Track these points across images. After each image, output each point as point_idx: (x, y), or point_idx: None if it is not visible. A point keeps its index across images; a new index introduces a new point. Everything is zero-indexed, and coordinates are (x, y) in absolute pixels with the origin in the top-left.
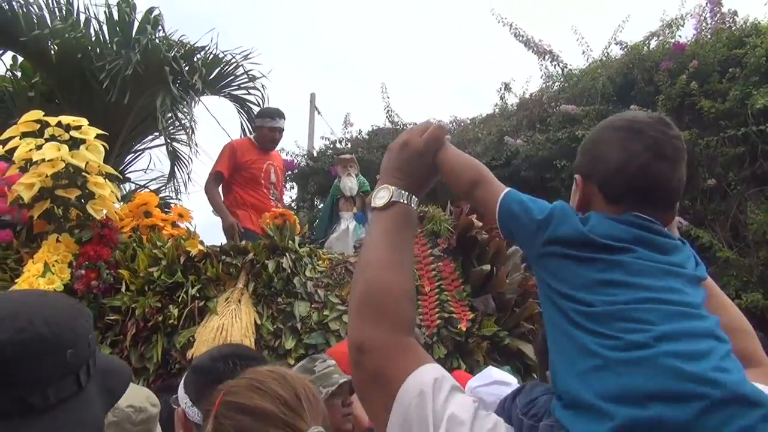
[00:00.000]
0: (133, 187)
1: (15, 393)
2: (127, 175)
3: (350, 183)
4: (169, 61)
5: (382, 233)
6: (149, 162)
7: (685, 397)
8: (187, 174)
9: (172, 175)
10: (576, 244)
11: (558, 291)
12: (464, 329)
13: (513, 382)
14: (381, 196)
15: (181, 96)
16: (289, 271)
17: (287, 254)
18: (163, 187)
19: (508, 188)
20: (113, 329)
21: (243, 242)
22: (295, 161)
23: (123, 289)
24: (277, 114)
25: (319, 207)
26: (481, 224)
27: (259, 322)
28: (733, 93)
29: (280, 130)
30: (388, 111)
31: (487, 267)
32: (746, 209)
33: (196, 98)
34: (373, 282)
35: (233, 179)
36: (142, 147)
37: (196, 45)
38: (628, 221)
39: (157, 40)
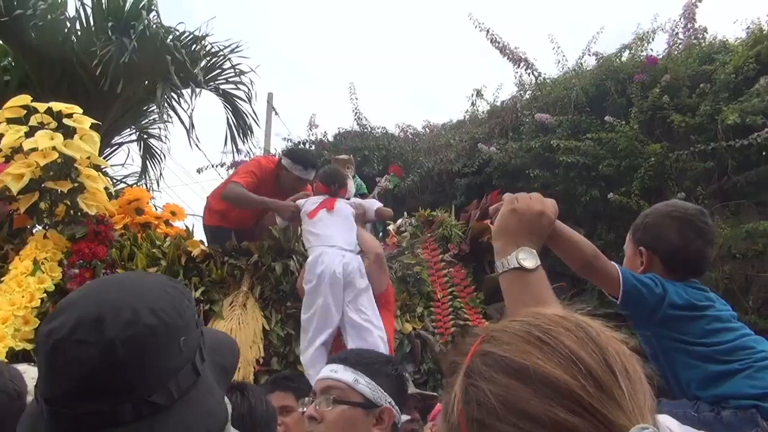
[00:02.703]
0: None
1: (135, 395)
2: (105, 170)
3: (348, 185)
4: (170, 49)
5: (547, 292)
6: (127, 156)
7: None
8: (160, 171)
9: (144, 170)
10: (685, 308)
11: (686, 341)
12: None
13: None
14: (527, 258)
15: (180, 87)
16: (297, 274)
17: (294, 256)
18: (136, 184)
19: (616, 263)
20: None
21: (244, 243)
22: None
23: None
24: (312, 164)
25: None
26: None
27: (267, 327)
28: (703, 108)
29: (307, 183)
30: (356, 113)
31: None
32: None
33: (197, 90)
34: None
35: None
36: (119, 140)
37: (196, 34)
38: (698, 288)
39: (154, 26)
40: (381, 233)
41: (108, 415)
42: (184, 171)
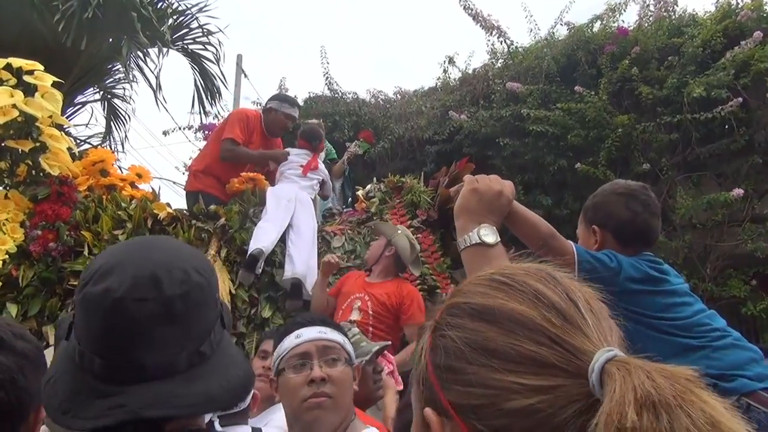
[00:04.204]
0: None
1: (189, 346)
2: (68, 130)
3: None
4: (135, 6)
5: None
6: (91, 116)
7: (759, 358)
8: (125, 132)
9: (108, 131)
10: (643, 281)
11: (645, 314)
12: None
13: None
14: (487, 234)
15: (146, 46)
16: None
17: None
18: (100, 145)
19: (570, 241)
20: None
21: (212, 207)
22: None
23: (85, 252)
24: (296, 103)
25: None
26: None
27: (233, 290)
28: (671, 81)
29: (294, 120)
30: (327, 77)
31: None
32: (675, 194)
33: (164, 50)
34: None
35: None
36: (83, 100)
37: None
38: (651, 260)
39: None
40: (350, 199)
41: (165, 365)
42: (149, 133)
